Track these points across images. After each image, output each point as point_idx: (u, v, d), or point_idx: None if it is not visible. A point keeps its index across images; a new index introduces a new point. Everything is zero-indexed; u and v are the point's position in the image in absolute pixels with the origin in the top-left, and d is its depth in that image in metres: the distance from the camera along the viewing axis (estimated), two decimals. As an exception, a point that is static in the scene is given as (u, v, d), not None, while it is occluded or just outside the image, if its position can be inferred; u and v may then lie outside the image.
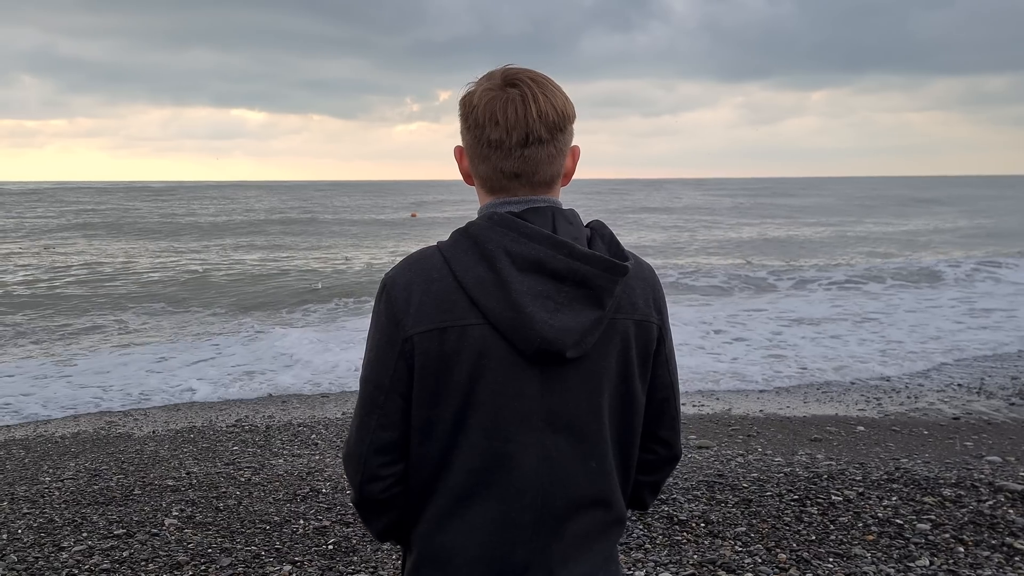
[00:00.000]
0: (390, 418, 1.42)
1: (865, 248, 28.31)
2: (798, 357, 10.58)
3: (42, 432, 7.62)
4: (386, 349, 1.40)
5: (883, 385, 9.13)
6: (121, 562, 4.20)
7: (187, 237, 32.75)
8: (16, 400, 8.89)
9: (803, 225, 40.07)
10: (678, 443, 1.59)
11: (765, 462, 5.86)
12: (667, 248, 28.43)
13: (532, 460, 1.40)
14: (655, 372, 1.51)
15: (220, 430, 7.41)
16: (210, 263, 22.92)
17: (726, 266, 21.95)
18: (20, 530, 4.69)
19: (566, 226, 1.41)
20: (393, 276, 1.43)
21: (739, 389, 9.03)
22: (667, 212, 52.77)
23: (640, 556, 4.17)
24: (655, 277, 1.52)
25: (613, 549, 1.51)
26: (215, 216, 46.08)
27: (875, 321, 13.29)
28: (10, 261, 23.27)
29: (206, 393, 9.22)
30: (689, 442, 6.56)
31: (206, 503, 5.13)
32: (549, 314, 1.35)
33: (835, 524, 4.53)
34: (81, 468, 6.17)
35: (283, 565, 4.15)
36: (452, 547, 1.42)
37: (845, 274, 19.71)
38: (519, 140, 1.39)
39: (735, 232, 35.95)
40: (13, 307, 15.47)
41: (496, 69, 1.44)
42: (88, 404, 8.78)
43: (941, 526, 4.47)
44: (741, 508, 4.80)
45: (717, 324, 12.93)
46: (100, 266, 22.34)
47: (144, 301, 16.21)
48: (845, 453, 6.19)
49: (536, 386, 1.39)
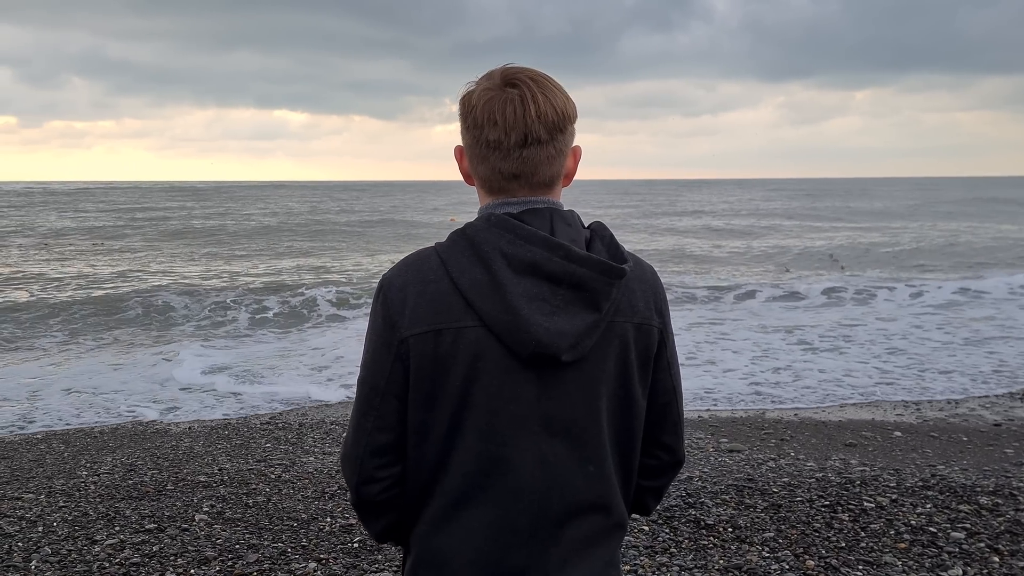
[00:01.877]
0: (386, 420, 1.41)
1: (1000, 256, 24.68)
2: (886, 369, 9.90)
3: (82, 427, 7.78)
4: (382, 351, 1.40)
5: (925, 389, 8.94)
6: (151, 556, 4.26)
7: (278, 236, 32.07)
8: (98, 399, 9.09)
9: (896, 231, 34.85)
10: (681, 448, 1.56)
11: (797, 467, 5.77)
12: (772, 255, 25.20)
13: (529, 464, 1.39)
14: (656, 376, 1.49)
15: (254, 427, 7.50)
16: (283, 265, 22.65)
17: (832, 278, 19.36)
18: (55, 523, 4.79)
19: (564, 228, 1.39)
20: (390, 277, 1.42)
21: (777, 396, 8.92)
22: (752, 215, 47.11)
23: (665, 560, 4.13)
24: (657, 279, 1.50)
25: (614, 554, 1.49)
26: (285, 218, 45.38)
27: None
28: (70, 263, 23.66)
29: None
30: (721, 445, 6.49)
31: (236, 499, 5.19)
32: (545, 317, 1.33)
33: (866, 531, 4.45)
34: (117, 463, 6.28)
35: (308, 562, 4.18)
36: (448, 550, 1.42)
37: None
38: (518, 141, 1.38)
39: (823, 236, 32.14)
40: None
41: (496, 68, 1.43)
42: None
43: (976, 535, 4.37)
44: (770, 513, 4.73)
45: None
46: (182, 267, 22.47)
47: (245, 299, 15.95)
48: (880, 459, 6.08)
49: (533, 389, 1.38)
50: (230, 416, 8.23)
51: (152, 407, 8.59)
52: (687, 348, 10.82)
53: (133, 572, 4.07)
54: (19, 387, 9.40)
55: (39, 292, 16.68)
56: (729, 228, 37.66)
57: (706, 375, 9.66)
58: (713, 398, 8.65)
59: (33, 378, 9.88)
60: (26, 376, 9.98)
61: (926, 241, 29.91)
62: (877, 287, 17.22)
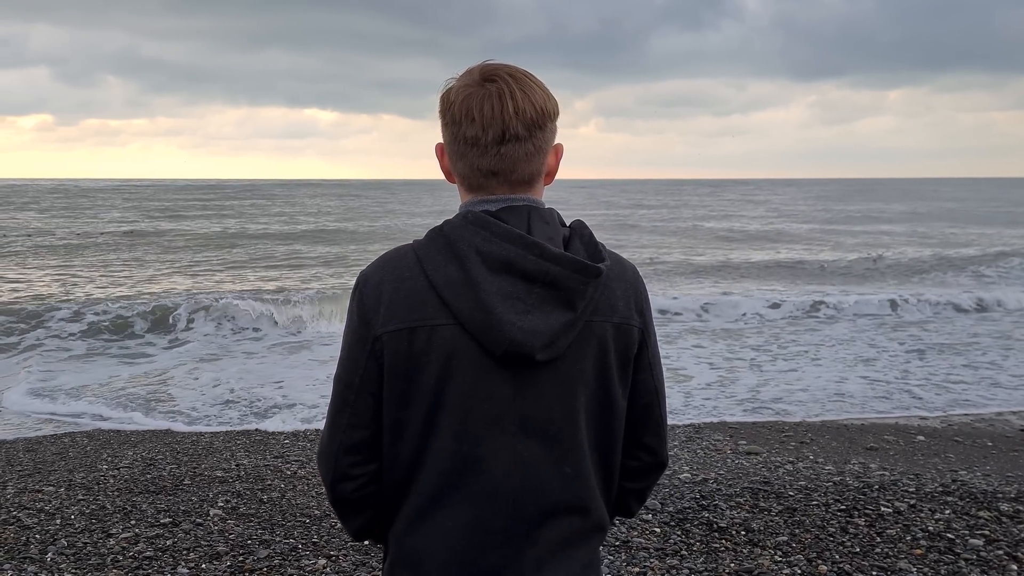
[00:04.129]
0: (360, 417, 1.41)
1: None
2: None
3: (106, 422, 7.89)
4: (357, 348, 1.40)
5: (954, 394, 8.80)
6: (164, 550, 4.30)
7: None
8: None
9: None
10: (663, 450, 1.54)
11: (815, 470, 5.70)
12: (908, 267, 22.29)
13: (503, 464, 1.38)
14: (638, 377, 1.47)
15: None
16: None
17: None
18: (73, 516, 4.85)
19: (541, 226, 1.38)
20: (366, 274, 1.42)
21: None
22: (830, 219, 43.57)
23: (675, 563, 4.10)
24: (639, 279, 1.48)
25: (593, 556, 1.48)
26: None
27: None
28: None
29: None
30: (739, 448, 6.43)
31: (251, 495, 5.23)
32: (518, 316, 1.32)
33: (882, 536, 4.38)
34: (138, 457, 6.36)
35: (318, 559, 4.20)
36: (423, 549, 1.41)
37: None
38: (495, 137, 1.37)
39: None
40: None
41: (476, 65, 1.42)
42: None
43: (995, 542, 4.29)
44: (785, 517, 4.67)
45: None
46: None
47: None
48: (901, 463, 5.99)
49: (508, 389, 1.37)
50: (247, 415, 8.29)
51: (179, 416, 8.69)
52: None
53: (145, 566, 4.11)
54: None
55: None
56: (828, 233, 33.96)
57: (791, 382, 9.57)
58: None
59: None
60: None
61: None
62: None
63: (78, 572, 4.02)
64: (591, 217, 37.71)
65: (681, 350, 11.24)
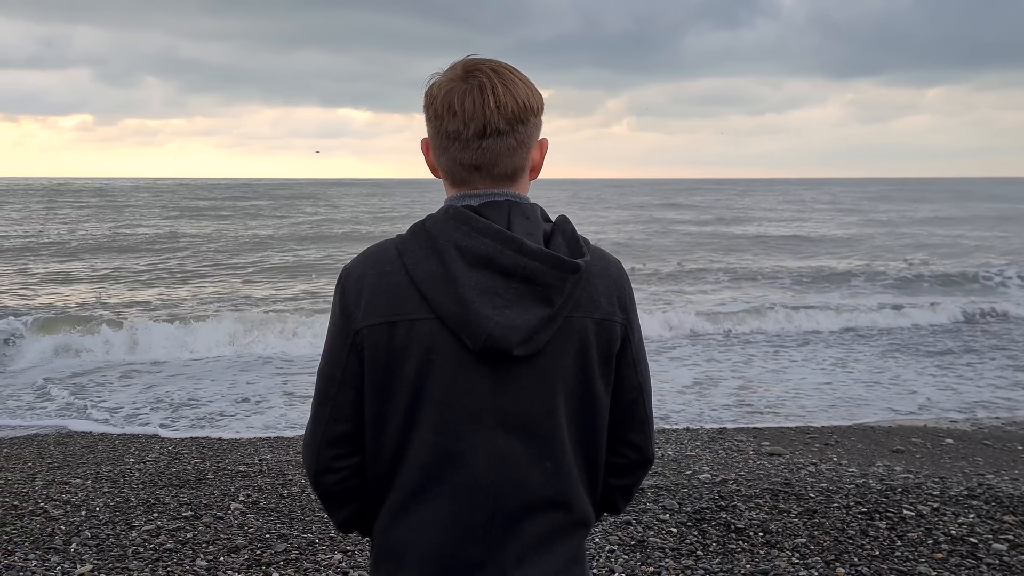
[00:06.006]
0: (342, 411, 1.42)
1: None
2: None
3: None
4: (339, 341, 1.41)
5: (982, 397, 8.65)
6: (184, 543, 4.37)
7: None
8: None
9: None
10: (649, 447, 1.54)
11: (838, 472, 5.63)
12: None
13: (483, 459, 1.38)
14: (622, 373, 1.47)
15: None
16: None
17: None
18: (98, 508, 4.94)
19: (522, 221, 1.38)
20: (349, 268, 1.43)
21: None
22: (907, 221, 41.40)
23: (691, 563, 4.07)
24: (623, 275, 1.47)
25: (577, 552, 1.47)
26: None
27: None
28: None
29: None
30: (762, 449, 6.37)
31: (272, 489, 5.29)
32: (496, 311, 1.32)
33: (903, 540, 4.32)
34: (164, 451, 6.46)
35: (335, 553, 4.23)
36: (405, 542, 1.42)
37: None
38: (476, 131, 1.37)
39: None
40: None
41: (459, 60, 1.43)
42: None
43: (1019, 547, 4.21)
44: (804, 519, 4.62)
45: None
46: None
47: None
48: (927, 466, 5.90)
49: (487, 384, 1.37)
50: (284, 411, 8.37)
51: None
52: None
53: (165, 558, 4.17)
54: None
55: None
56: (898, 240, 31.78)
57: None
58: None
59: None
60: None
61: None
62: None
63: (100, 563, 4.09)
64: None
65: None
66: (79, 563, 4.09)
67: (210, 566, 4.08)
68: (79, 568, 4.01)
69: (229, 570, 4.04)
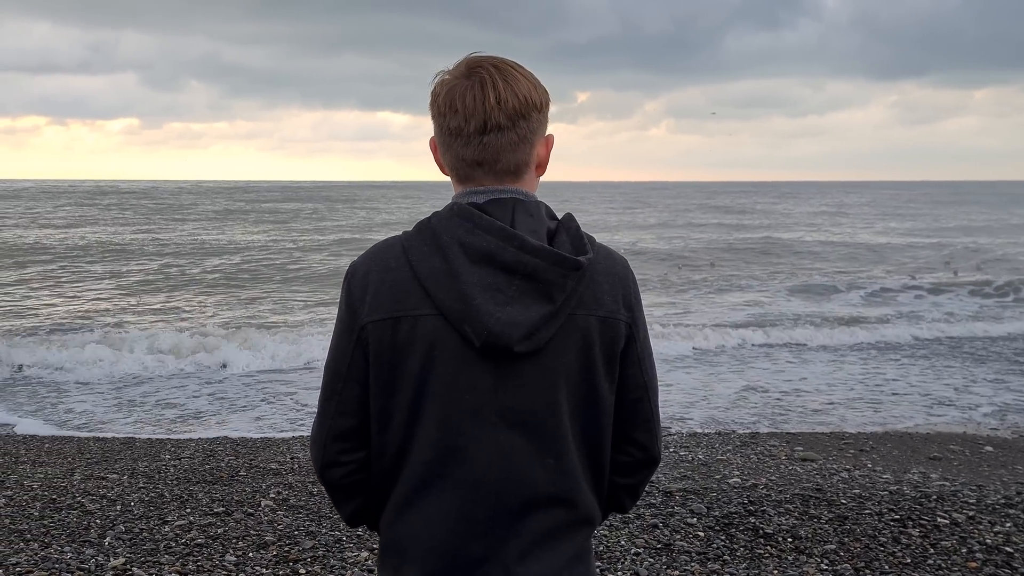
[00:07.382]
0: (348, 405, 1.44)
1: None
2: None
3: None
4: (344, 336, 1.43)
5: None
6: (215, 538, 4.43)
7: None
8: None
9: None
10: (655, 446, 1.53)
11: (871, 478, 5.55)
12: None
13: (485, 455, 1.39)
14: (626, 372, 1.46)
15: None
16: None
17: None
18: (133, 503, 5.03)
19: (525, 218, 1.39)
20: (356, 265, 1.45)
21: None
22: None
23: (717, 567, 4.04)
24: (628, 273, 1.47)
25: (581, 549, 1.47)
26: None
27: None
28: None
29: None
30: (794, 454, 6.30)
31: (302, 487, 5.35)
32: (498, 307, 1.33)
33: (936, 548, 4.24)
34: (199, 448, 6.56)
35: (361, 551, 4.27)
36: (408, 536, 1.43)
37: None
38: (477, 127, 1.38)
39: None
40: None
41: (463, 58, 1.44)
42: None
43: (1057, 558, 4.10)
44: (835, 525, 4.56)
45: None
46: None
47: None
48: (963, 474, 5.78)
49: (490, 380, 1.38)
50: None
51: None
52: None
53: (196, 552, 4.24)
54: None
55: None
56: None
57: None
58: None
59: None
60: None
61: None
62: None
63: (132, 556, 4.17)
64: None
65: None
66: (112, 556, 4.17)
67: (239, 561, 4.14)
68: (112, 561, 4.09)
69: (257, 566, 4.09)
